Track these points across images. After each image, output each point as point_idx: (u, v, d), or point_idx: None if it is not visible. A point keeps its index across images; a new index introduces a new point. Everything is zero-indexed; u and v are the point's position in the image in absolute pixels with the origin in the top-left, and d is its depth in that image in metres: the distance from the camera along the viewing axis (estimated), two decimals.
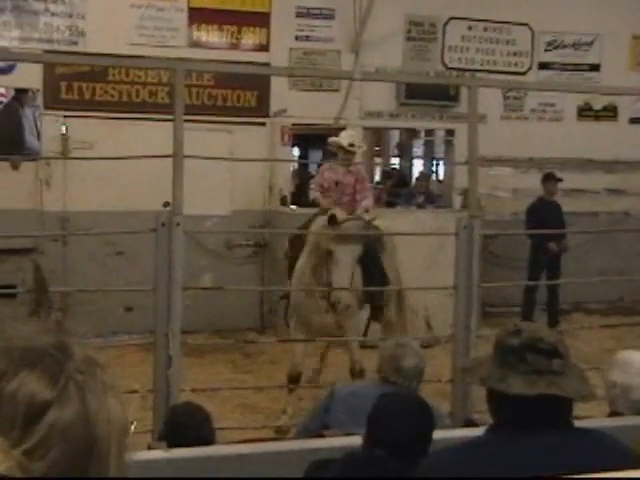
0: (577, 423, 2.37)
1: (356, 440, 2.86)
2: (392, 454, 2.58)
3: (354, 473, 2.59)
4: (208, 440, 3.43)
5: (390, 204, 11.33)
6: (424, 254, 8.39)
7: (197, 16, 9.77)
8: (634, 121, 11.51)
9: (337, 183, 7.15)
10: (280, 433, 6.03)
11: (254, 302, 9.85)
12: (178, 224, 4.33)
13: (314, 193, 7.24)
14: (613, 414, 3.74)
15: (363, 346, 8.30)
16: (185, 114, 4.67)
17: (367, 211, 7.02)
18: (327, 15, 10.28)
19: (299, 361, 6.57)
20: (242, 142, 9.57)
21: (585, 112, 11.35)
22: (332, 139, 7.22)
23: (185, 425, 3.48)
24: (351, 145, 6.94)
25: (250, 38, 10.03)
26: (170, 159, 4.59)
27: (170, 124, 4.72)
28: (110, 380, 1.03)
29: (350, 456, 2.66)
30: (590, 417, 3.76)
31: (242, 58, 9.66)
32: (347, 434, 3.23)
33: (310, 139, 13.46)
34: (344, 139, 7.01)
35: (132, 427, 1.04)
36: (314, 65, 10.26)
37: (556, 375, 2.18)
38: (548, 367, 2.18)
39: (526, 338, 2.20)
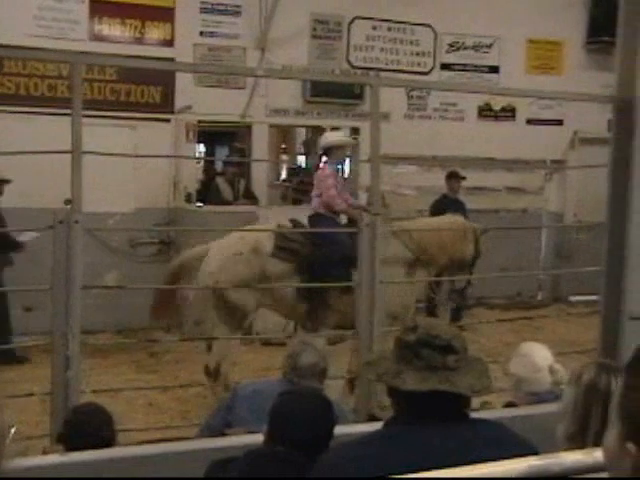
0: (473, 414, 2.42)
1: (259, 438, 2.85)
2: (292, 450, 2.59)
3: (254, 470, 2.59)
4: (109, 442, 3.36)
5: (296, 201, 11.38)
6: None
7: (99, 9, 9.56)
8: (531, 122, 11.88)
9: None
10: None
11: None
12: (77, 221, 4.22)
13: (341, 204, 6.88)
14: (509, 405, 3.86)
15: (265, 343, 8.33)
16: (87, 109, 4.57)
17: None
18: (232, 11, 10.23)
19: None
20: (146, 138, 9.42)
21: (485, 112, 11.65)
22: (339, 139, 7.24)
23: (85, 426, 3.39)
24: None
25: (154, 33, 9.88)
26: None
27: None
28: None
29: (251, 453, 2.65)
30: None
31: (146, 53, 9.48)
32: (250, 432, 3.22)
33: (216, 136, 13.37)
34: (346, 137, 7.38)
35: (12, 432, 1.01)
36: (219, 61, 10.19)
37: (450, 371, 2.21)
38: (443, 363, 2.21)
39: (421, 334, 2.23)
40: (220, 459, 2.80)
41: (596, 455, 1.52)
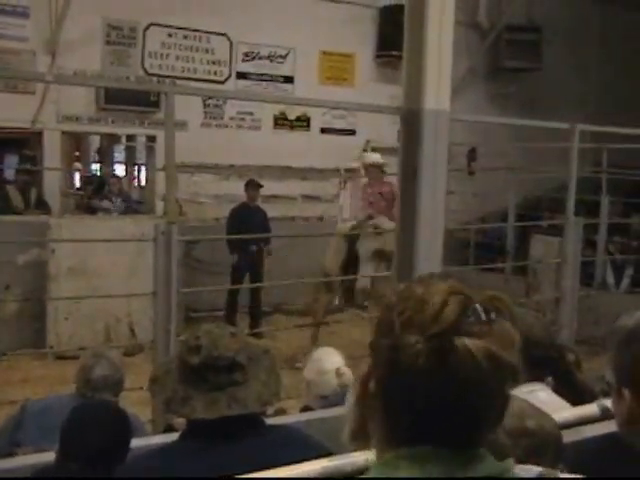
0: (269, 421, 2.48)
1: (50, 456, 2.75)
2: (86, 466, 2.53)
3: None
4: None
5: (91, 210, 11.04)
6: (126, 261, 8.30)
7: None
8: (324, 131, 12.26)
9: (381, 194, 8.66)
10: None
11: None
12: None
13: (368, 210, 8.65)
14: (306, 408, 3.97)
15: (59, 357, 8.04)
16: None
17: None
18: (20, 13, 9.78)
19: None
20: None
21: (281, 121, 11.88)
22: (371, 159, 8.79)
23: None
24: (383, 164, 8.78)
25: None
26: None
27: None
28: None
29: (42, 473, 2.56)
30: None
31: None
32: (40, 451, 3.10)
33: (5, 143, 12.69)
34: (378, 158, 8.86)
35: None
36: (7, 65, 9.71)
37: (238, 386, 2.24)
38: (229, 381, 2.23)
39: (205, 357, 2.23)
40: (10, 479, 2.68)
41: None
